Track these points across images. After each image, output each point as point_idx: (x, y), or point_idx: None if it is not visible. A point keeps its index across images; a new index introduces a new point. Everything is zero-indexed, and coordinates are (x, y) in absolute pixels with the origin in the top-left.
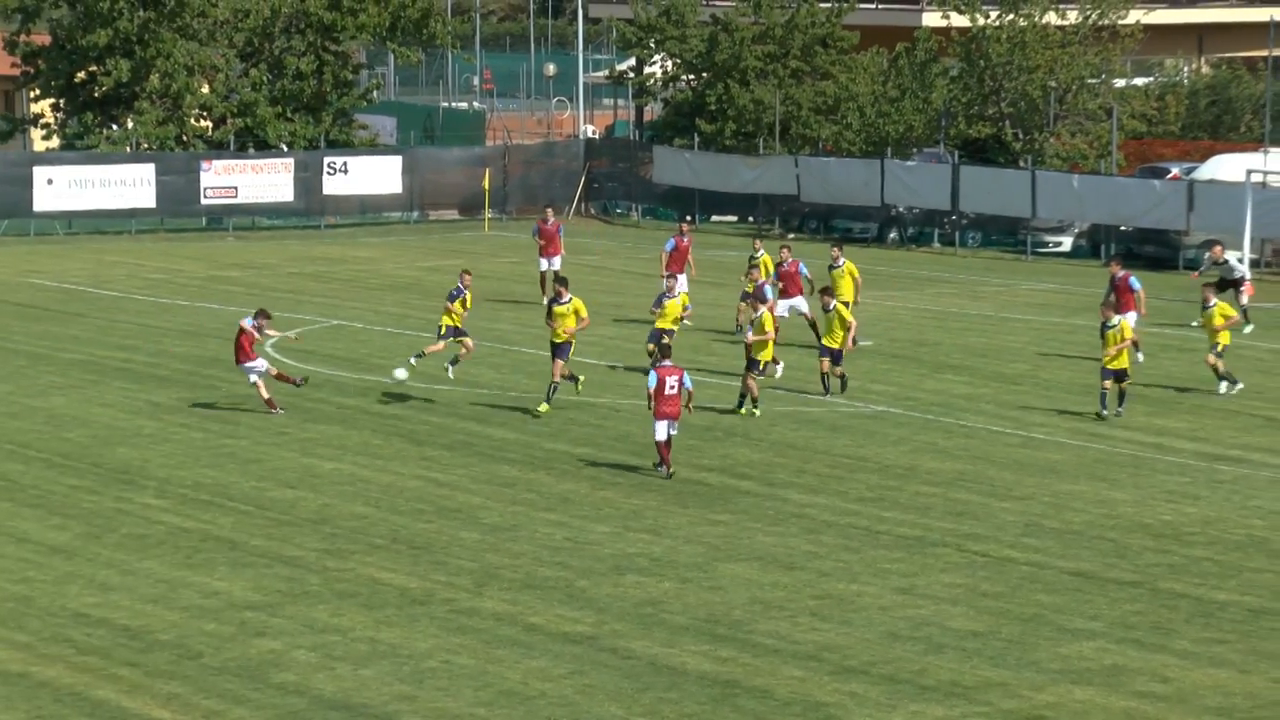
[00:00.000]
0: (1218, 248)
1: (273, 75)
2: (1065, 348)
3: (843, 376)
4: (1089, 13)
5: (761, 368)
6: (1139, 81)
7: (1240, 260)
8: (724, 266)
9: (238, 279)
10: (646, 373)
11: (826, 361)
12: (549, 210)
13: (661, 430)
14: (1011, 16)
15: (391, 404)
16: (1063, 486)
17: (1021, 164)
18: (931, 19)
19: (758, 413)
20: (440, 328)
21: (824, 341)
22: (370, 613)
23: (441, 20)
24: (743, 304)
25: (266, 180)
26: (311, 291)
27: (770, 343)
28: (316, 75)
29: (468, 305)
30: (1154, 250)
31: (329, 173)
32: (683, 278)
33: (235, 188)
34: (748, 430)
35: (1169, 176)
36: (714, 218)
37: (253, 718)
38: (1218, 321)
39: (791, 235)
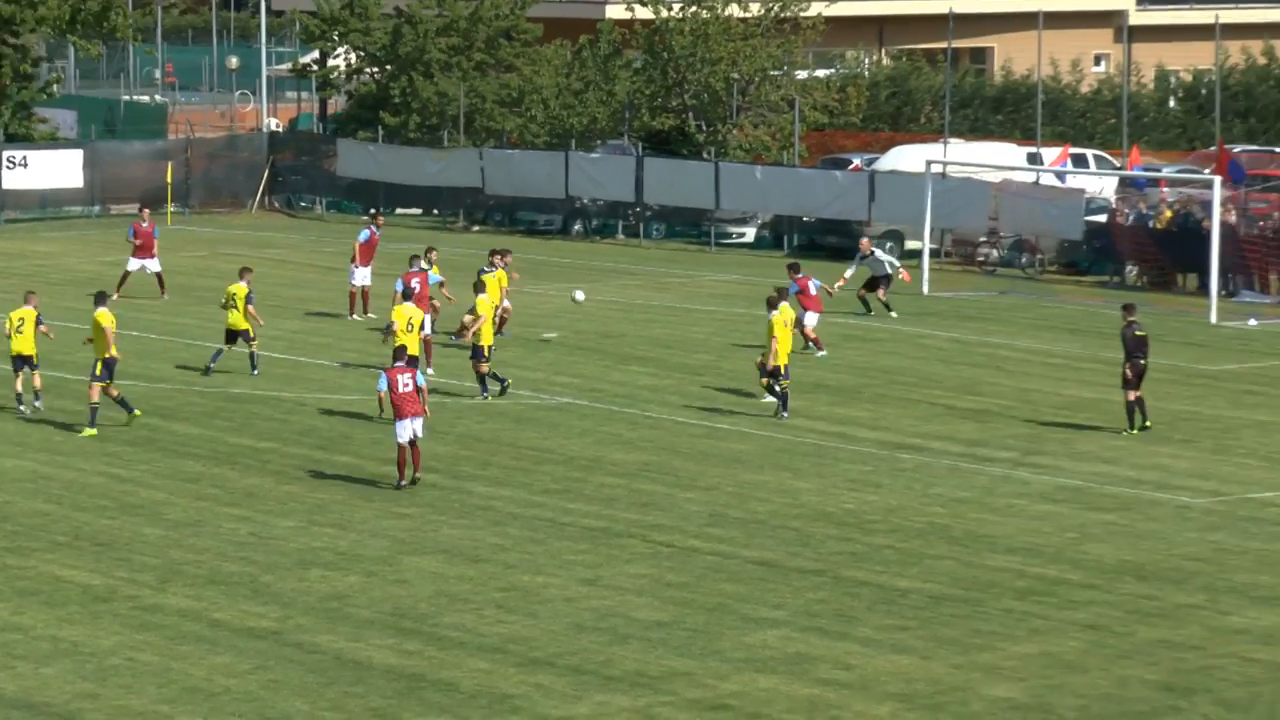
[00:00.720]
0: (864, 240)
1: None
2: (748, 338)
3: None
4: (771, 5)
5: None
6: (821, 73)
7: (889, 251)
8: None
9: None
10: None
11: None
12: (145, 211)
13: (404, 431)
14: (694, 9)
15: (74, 400)
16: (747, 476)
17: (705, 156)
18: (615, 11)
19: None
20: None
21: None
22: (52, 610)
23: (122, 13)
24: None
25: None
26: None
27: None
28: None
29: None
30: (837, 241)
31: (8, 167)
32: (367, 269)
33: None
34: (433, 423)
35: (850, 168)
36: (399, 210)
37: None
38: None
39: (476, 228)
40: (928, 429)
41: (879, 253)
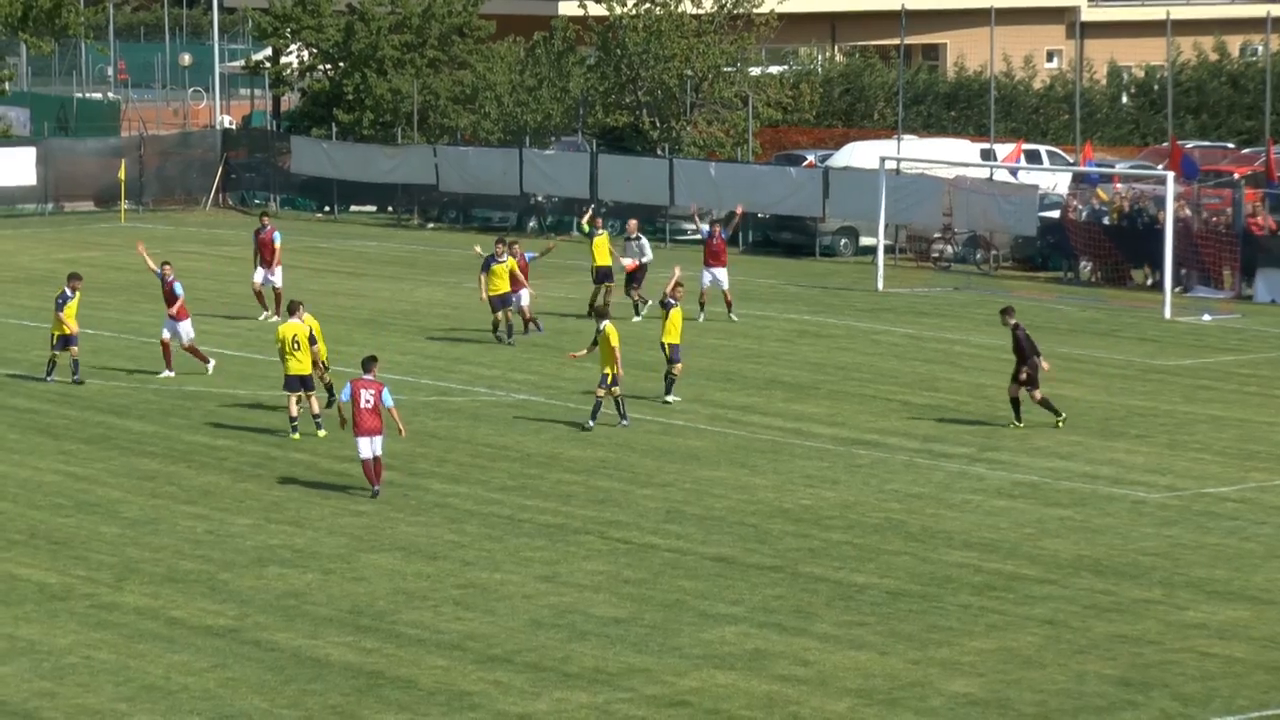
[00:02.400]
0: (632, 221)
1: None
2: (704, 335)
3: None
4: (724, 2)
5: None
6: (774, 70)
7: (641, 243)
8: (364, 257)
9: None
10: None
11: (678, 366)
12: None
13: (364, 448)
14: (648, 5)
15: (27, 398)
16: (703, 473)
17: (659, 152)
18: (568, 8)
19: None
20: (52, 338)
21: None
22: (8, 609)
23: (74, 10)
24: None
25: None
26: None
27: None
28: None
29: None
30: (791, 237)
31: None
32: (270, 269)
33: None
34: (389, 420)
35: (804, 164)
36: (353, 207)
37: None
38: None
39: (431, 225)
40: (884, 425)
41: (645, 242)
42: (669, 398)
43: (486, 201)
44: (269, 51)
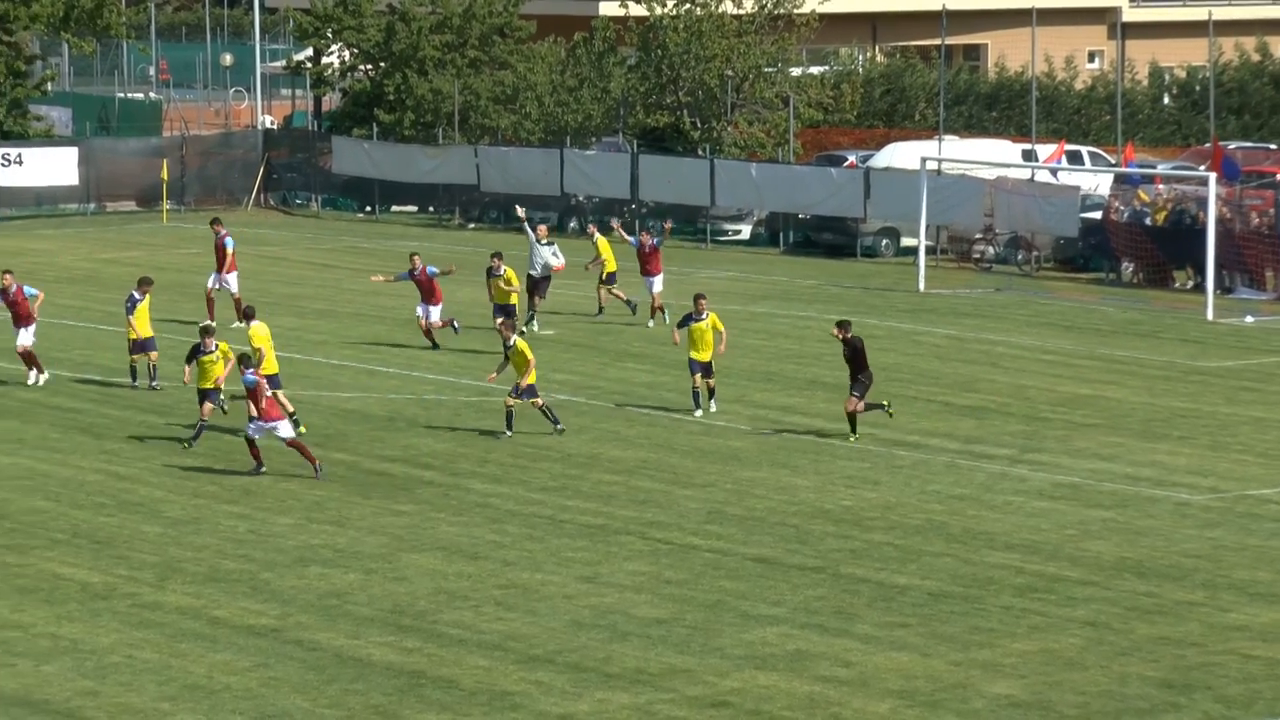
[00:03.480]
0: (541, 227)
1: None
2: (745, 335)
3: (713, 389)
4: (765, 2)
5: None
6: (815, 70)
7: (553, 249)
8: (405, 257)
9: None
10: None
11: (698, 377)
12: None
13: (285, 429)
14: (688, 6)
15: (69, 397)
16: (744, 473)
17: (700, 153)
18: (609, 8)
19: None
20: (129, 343)
21: (692, 354)
22: (51, 608)
23: (116, 10)
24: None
25: None
26: None
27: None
28: None
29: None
30: (832, 238)
31: (3, 164)
32: (228, 275)
33: None
34: (430, 421)
35: (846, 165)
36: (394, 208)
37: None
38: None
39: (472, 226)
40: (925, 426)
41: (550, 251)
42: (712, 408)
43: (527, 202)
44: (310, 52)
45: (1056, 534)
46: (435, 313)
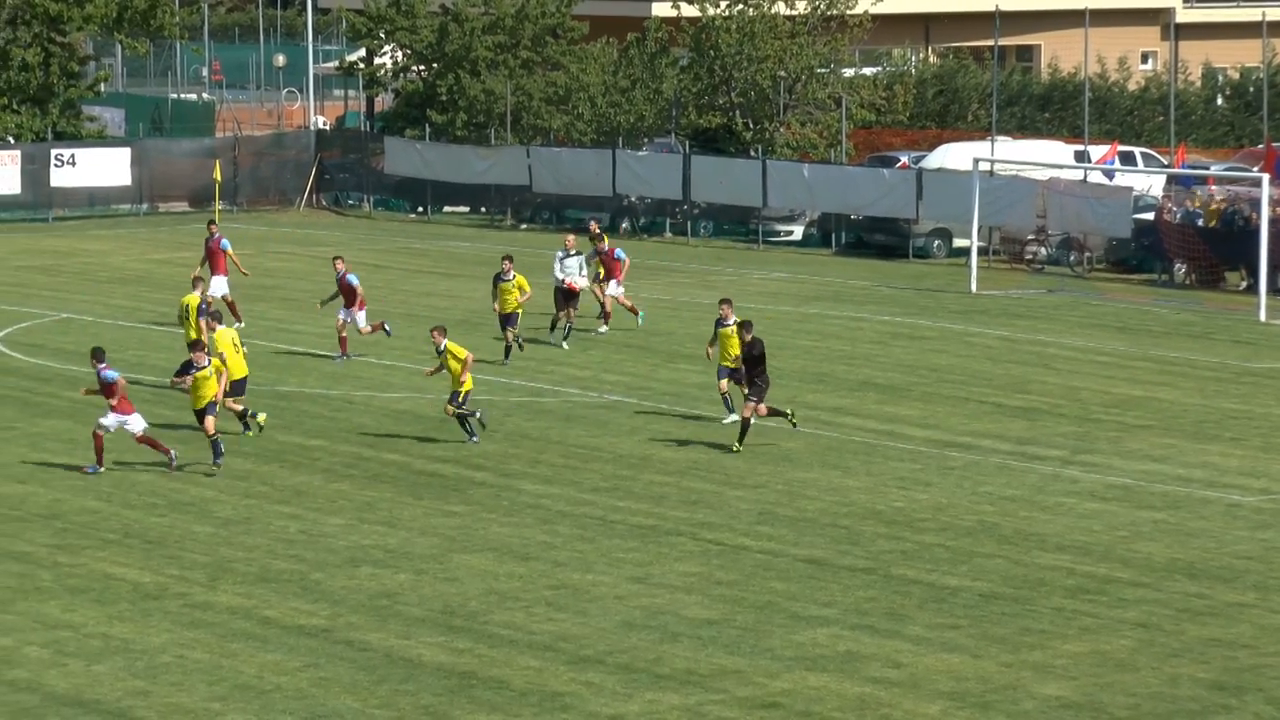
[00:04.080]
0: (570, 237)
1: None
2: (797, 336)
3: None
4: (817, 3)
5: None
6: (867, 71)
7: (579, 262)
8: (457, 258)
9: None
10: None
11: (725, 382)
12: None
13: (137, 423)
14: (741, 7)
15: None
16: (796, 474)
17: (752, 154)
18: (661, 9)
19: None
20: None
21: (721, 361)
22: (103, 608)
23: (169, 11)
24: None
25: None
26: (40, 285)
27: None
28: (43, 67)
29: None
30: (884, 239)
31: (57, 165)
32: (219, 278)
33: None
34: (482, 421)
35: (898, 165)
36: (446, 208)
37: None
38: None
39: (525, 226)
40: (977, 427)
41: (583, 260)
42: (731, 418)
43: (579, 202)
44: (363, 52)
45: (1108, 535)
46: (360, 318)
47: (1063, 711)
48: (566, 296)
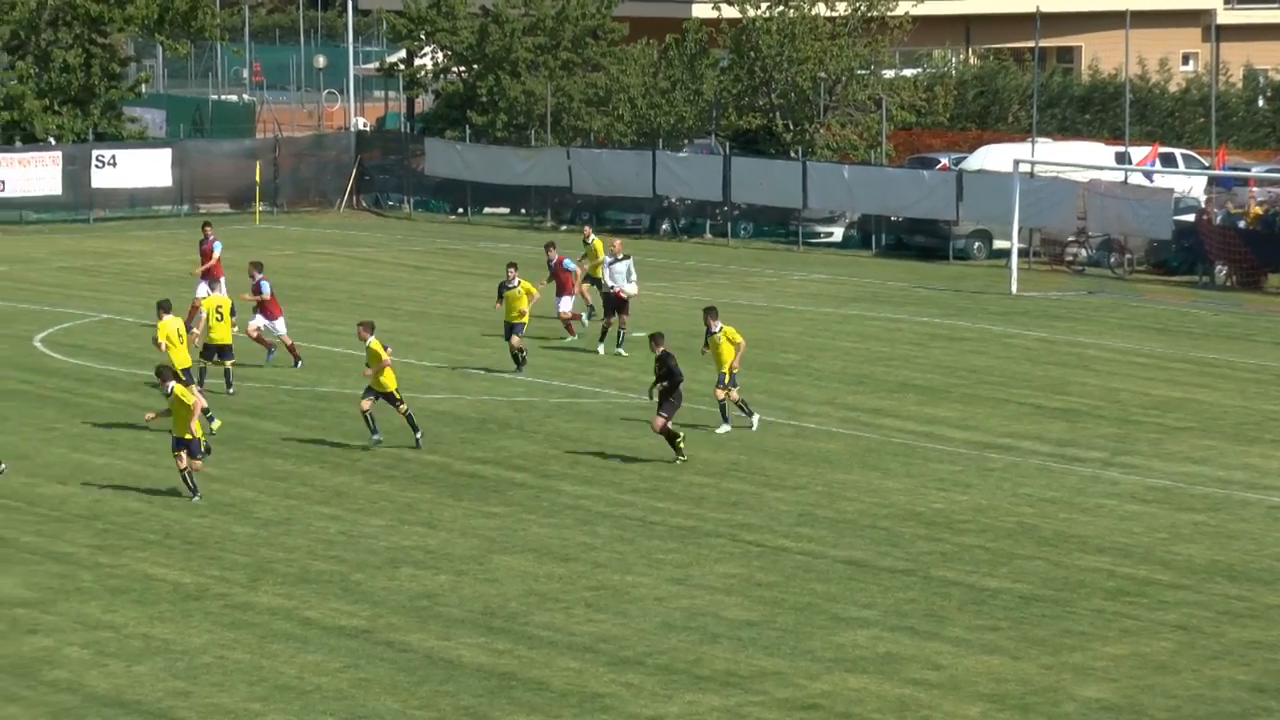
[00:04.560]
0: (617, 241)
1: (39, 68)
2: (837, 338)
3: (738, 402)
4: (858, 4)
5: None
6: (908, 73)
7: (627, 268)
8: (497, 259)
9: (4, 274)
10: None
11: (721, 390)
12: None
13: None
14: (781, 8)
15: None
16: (835, 476)
17: (792, 155)
18: (701, 10)
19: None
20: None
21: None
22: (143, 608)
23: (210, 12)
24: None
25: (33, 174)
26: (81, 286)
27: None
28: (84, 68)
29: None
30: (924, 240)
31: (98, 166)
32: (221, 281)
33: (2, 182)
34: (522, 423)
35: (938, 167)
36: (486, 209)
37: (24, 716)
38: (726, 350)
39: (565, 227)
40: (1016, 429)
41: (630, 265)
42: (725, 428)
43: (619, 204)
44: (403, 54)
45: (1148, 537)
46: (279, 325)
47: (1103, 714)
48: (615, 303)
